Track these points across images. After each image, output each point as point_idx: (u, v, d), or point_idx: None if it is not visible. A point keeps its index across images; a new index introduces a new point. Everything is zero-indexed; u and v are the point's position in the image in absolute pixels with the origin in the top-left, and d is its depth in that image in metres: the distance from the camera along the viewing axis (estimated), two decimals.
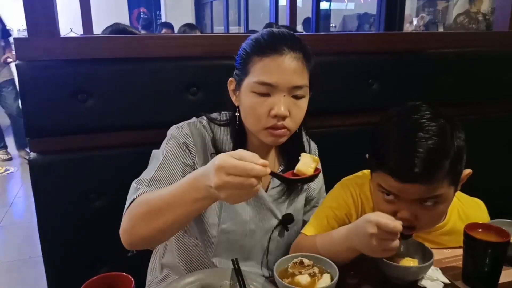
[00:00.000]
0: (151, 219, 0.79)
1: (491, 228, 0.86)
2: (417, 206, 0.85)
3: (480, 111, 1.51)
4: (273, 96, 0.88)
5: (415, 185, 0.82)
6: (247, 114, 0.93)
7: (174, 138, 0.96)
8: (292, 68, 0.88)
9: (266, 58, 0.88)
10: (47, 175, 1.08)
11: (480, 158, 1.40)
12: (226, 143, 0.99)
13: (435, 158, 0.81)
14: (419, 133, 0.82)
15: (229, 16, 7.80)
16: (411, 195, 0.84)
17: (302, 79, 0.90)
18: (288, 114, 0.88)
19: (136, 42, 1.14)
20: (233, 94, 0.97)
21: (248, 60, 0.91)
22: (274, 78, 0.87)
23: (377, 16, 2.86)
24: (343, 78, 1.31)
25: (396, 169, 0.83)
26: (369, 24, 6.77)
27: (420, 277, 0.86)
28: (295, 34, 0.94)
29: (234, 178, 0.66)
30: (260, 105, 0.89)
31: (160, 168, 0.90)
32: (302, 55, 0.90)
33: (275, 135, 0.91)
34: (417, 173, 0.80)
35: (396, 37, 1.46)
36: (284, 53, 0.88)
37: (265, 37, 0.91)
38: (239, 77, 0.94)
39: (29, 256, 2.55)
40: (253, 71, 0.90)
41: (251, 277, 0.86)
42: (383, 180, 0.86)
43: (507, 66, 1.51)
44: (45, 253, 1.11)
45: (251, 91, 0.90)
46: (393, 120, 0.89)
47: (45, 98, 1.05)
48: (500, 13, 1.60)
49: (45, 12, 1.03)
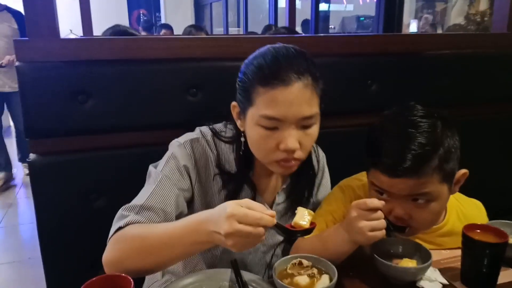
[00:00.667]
0: (143, 256, 0.77)
1: (489, 229, 0.87)
2: (409, 204, 0.87)
3: (479, 112, 1.51)
4: (281, 129, 0.83)
5: (403, 180, 0.83)
6: (254, 147, 0.88)
7: (174, 159, 0.91)
8: (301, 99, 0.81)
9: (272, 90, 0.80)
10: (47, 176, 1.08)
11: (479, 159, 1.41)
12: (231, 161, 0.95)
13: (423, 152, 0.83)
14: (410, 129, 0.84)
15: (229, 17, 7.81)
16: (401, 191, 0.85)
17: (312, 108, 0.83)
18: (298, 147, 0.83)
19: (135, 44, 1.14)
20: (238, 119, 0.92)
21: (251, 88, 0.84)
22: (282, 112, 0.81)
23: (376, 18, 2.87)
24: (342, 80, 1.31)
25: (385, 164, 0.85)
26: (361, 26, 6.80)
27: (419, 278, 0.86)
28: (299, 50, 0.86)
29: (245, 227, 0.67)
30: (267, 139, 0.84)
31: (153, 194, 0.87)
32: (310, 79, 0.82)
33: (285, 167, 0.87)
34: (405, 167, 0.82)
35: (395, 38, 1.46)
36: (292, 82, 0.80)
37: (269, 64, 0.82)
38: (242, 104, 0.88)
39: (28, 257, 2.55)
40: (258, 103, 0.83)
41: (250, 278, 0.86)
42: (375, 177, 0.89)
43: (506, 68, 1.52)
44: (45, 254, 1.11)
45: (257, 124, 0.84)
46: (388, 119, 0.91)
47: (45, 99, 1.05)
48: (498, 15, 1.61)
49: (45, 14, 1.03)
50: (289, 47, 0.86)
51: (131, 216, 0.83)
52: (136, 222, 0.83)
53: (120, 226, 0.81)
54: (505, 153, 1.55)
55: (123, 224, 0.81)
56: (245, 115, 0.88)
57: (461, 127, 1.14)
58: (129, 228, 0.81)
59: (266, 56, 0.84)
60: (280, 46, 0.87)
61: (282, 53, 0.84)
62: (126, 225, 0.82)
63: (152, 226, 0.81)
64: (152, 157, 1.00)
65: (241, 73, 0.89)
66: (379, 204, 0.79)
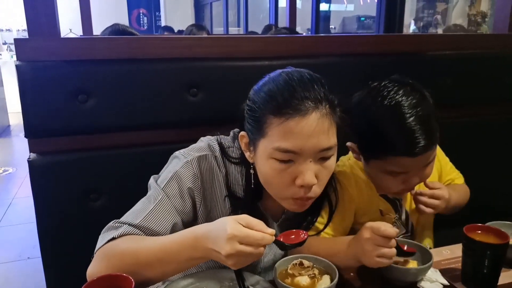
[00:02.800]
0: (136, 272, 0.72)
1: (490, 230, 0.86)
2: (422, 171, 0.94)
3: (480, 112, 1.51)
4: (297, 162, 0.76)
5: (424, 154, 0.88)
6: (267, 182, 0.82)
7: (178, 180, 0.85)
8: (319, 130, 0.74)
9: (287, 120, 0.73)
10: (47, 175, 1.08)
11: (480, 160, 1.41)
12: (240, 184, 0.89)
13: (429, 123, 0.88)
14: (406, 110, 0.87)
15: (229, 17, 7.81)
16: (421, 163, 0.91)
17: (330, 139, 0.77)
18: (316, 182, 0.77)
19: (136, 43, 1.14)
20: (247, 150, 0.85)
21: (263, 119, 0.77)
22: (299, 145, 0.74)
23: (377, 18, 2.87)
24: (343, 80, 1.30)
25: (406, 148, 0.87)
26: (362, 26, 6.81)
27: (420, 279, 0.86)
28: (314, 75, 0.79)
29: (246, 248, 0.66)
30: (282, 174, 0.77)
31: (150, 214, 0.81)
32: (328, 106, 0.76)
33: (299, 205, 0.82)
34: (423, 144, 0.86)
35: (396, 39, 1.46)
36: (308, 112, 0.73)
37: (282, 91, 0.75)
38: (253, 135, 0.81)
39: (28, 257, 2.55)
40: (272, 135, 0.76)
41: (251, 278, 0.86)
42: (394, 163, 0.90)
43: (507, 68, 1.52)
44: (45, 253, 1.10)
45: (271, 157, 0.77)
46: (376, 106, 0.91)
47: (45, 99, 1.05)
48: (499, 15, 1.61)
49: (45, 13, 1.03)
50: (303, 72, 0.79)
51: (124, 227, 0.79)
52: (130, 233, 0.79)
53: (114, 237, 0.78)
54: (507, 154, 1.54)
55: (117, 235, 0.77)
56: (255, 146, 0.81)
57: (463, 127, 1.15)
58: (120, 241, 0.77)
59: (278, 82, 0.77)
60: (293, 71, 0.80)
61: (295, 78, 0.77)
62: (120, 236, 0.78)
63: (145, 240, 0.78)
64: (153, 157, 1.00)
65: (249, 100, 0.82)
66: (393, 233, 0.78)
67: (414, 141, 0.85)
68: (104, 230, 0.83)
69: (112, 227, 0.82)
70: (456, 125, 1.12)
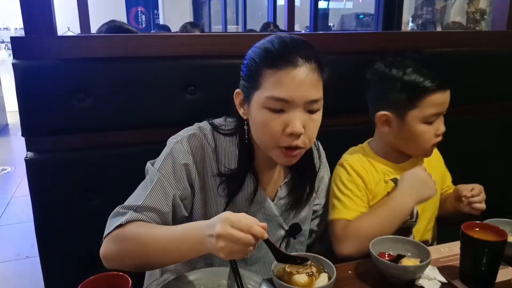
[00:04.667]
0: (143, 257, 0.81)
1: (488, 228, 0.87)
2: (442, 119, 1.07)
3: (478, 110, 1.51)
4: (288, 112, 0.83)
5: (448, 91, 1.02)
6: (259, 131, 0.88)
7: (171, 157, 0.91)
8: (308, 81, 0.82)
9: (280, 71, 0.81)
10: (44, 174, 1.07)
11: (478, 158, 1.41)
12: (231, 155, 0.95)
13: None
14: (425, 56, 1.10)
15: (227, 15, 7.80)
16: (447, 101, 1.03)
17: (318, 92, 0.85)
18: (303, 130, 0.84)
19: (133, 41, 1.14)
20: (241, 107, 0.91)
21: (258, 72, 0.84)
22: (290, 93, 0.81)
23: (375, 16, 2.86)
24: (341, 78, 1.30)
25: (439, 83, 1.00)
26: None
27: (418, 276, 0.86)
28: (306, 40, 0.88)
29: (235, 231, 0.70)
30: (274, 122, 0.84)
31: (150, 194, 0.87)
32: (317, 65, 0.84)
33: (289, 156, 0.87)
34: (447, 76, 1.02)
35: (394, 36, 1.46)
36: (299, 64, 0.82)
37: (276, 47, 0.84)
38: (247, 90, 0.88)
39: (26, 256, 2.54)
40: (265, 85, 0.83)
41: (249, 276, 0.86)
42: (431, 105, 1.01)
43: (505, 66, 1.52)
44: (42, 253, 1.10)
45: (264, 107, 0.84)
46: (397, 65, 1.04)
47: (42, 97, 1.04)
48: (498, 13, 1.61)
49: (42, 11, 1.03)
50: (296, 36, 0.89)
51: (130, 213, 0.84)
52: (137, 219, 0.84)
53: (121, 223, 0.83)
54: (505, 151, 1.54)
55: (124, 221, 0.83)
56: (249, 100, 0.87)
57: (460, 124, 1.15)
58: (130, 227, 0.83)
59: (273, 40, 0.86)
60: (287, 35, 0.89)
61: (290, 38, 0.86)
62: (127, 222, 0.83)
63: (153, 228, 0.83)
64: (151, 155, 0.99)
65: (246, 59, 0.89)
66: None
67: (440, 75, 1.01)
68: (111, 216, 0.87)
69: (118, 213, 0.87)
70: (453, 122, 1.11)
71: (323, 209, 1.10)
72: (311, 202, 1.05)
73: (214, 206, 0.96)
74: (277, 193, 1.01)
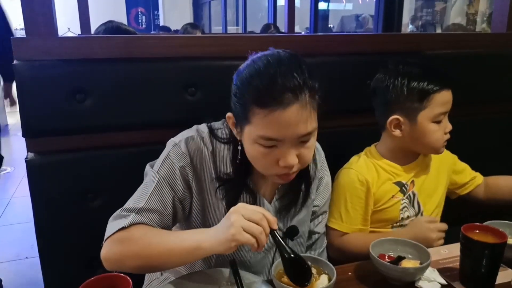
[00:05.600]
0: (146, 260, 0.82)
1: (488, 229, 0.87)
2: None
3: (478, 112, 1.51)
4: (280, 147, 0.83)
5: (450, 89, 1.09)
6: (253, 162, 0.89)
7: (170, 160, 0.91)
8: (299, 120, 0.80)
9: (269, 113, 0.78)
10: (44, 175, 1.07)
11: (478, 159, 1.41)
12: (228, 160, 0.95)
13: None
14: (420, 64, 1.13)
15: (227, 16, 7.81)
16: (451, 99, 1.09)
17: (310, 125, 0.82)
18: (297, 161, 0.84)
19: (134, 42, 1.14)
20: (234, 128, 0.90)
21: (247, 107, 0.81)
22: (280, 133, 0.80)
23: (375, 17, 2.87)
24: (341, 79, 1.31)
25: (441, 80, 1.08)
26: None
27: (418, 278, 0.86)
28: (294, 59, 0.82)
29: (250, 224, 0.75)
30: (266, 156, 0.84)
31: (151, 196, 0.88)
32: (307, 96, 0.80)
33: (284, 179, 0.89)
34: (446, 74, 1.10)
35: (395, 38, 1.46)
36: (290, 104, 0.78)
37: (264, 83, 0.79)
38: (238, 119, 0.86)
39: (25, 257, 2.54)
40: (255, 123, 0.81)
41: (249, 278, 0.86)
42: (438, 104, 1.07)
43: (505, 67, 1.52)
44: (42, 253, 1.10)
45: (255, 142, 0.84)
46: (399, 71, 1.11)
47: (43, 98, 1.04)
48: (498, 15, 1.61)
49: (43, 12, 1.03)
50: (283, 57, 0.83)
51: (133, 216, 0.85)
52: (140, 222, 0.85)
53: (124, 226, 0.83)
54: (503, 152, 1.54)
55: (127, 224, 0.83)
56: (242, 129, 0.87)
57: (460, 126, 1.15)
58: (134, 230, 0.83)
59: (261, 72, 0.81)
60: (274, 58, 0.82)
61: (278, 71, 0.79)
62: (130, 225, 0.84)
63: (159, 231, 0.85)
64: (150, 156, 0.99)
65: (235, 85, 0.86)
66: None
67: (441, 76, 1.09)
68: (112, 219, 0.87)
69: (119, 215, 0.86)
70: (453, 124, 1.12)
71: (322, 210, 1.10)
72: (309, 204, 1.05)
73: (213, 210, 0.96)
74: (274, 195, 1.00)
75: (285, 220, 1.02)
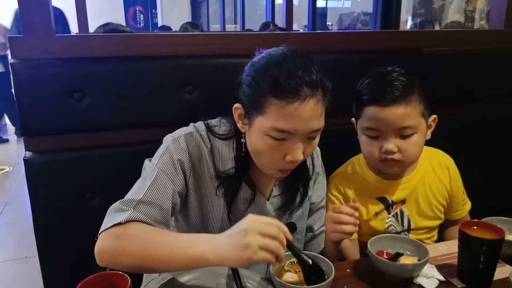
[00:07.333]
0: (143, 260, 0.77)
1: (486, 226, 0.87)
2: (397, 138, 1.00)
3: (477, 109, 1.51)
4: (289, 140, 0.83)
5: (393, 108, 0.97)
6: (258, 155, 0.88)
7: (169, 153, 0.91)
8: (314, 114, 0.82)
9: (287, 104, 0.79)
10: (43, 174, 1.07)
11: (476, 156, 1.41)
12: (227, 158, 0.95)
13: (408, 84, 0.99)
14: (390, 74, 1.02)
15: (226, 14, 7.79)
16: (391, 122, 0.98)
17: (321, 122, 0.85)
18: (303, 158, 0.86)
19: (131, 41, 1.13)
20: (239, 120, 0.90)
21: (263, 98, 0.81)
22: (295, 126, 0.81)
23: (374, 15, 2.87)
24: (340, 77, 1.29)
25: (377, 94, 0.99)
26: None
27: (416, 275, 0.87)
28: (310, 58, 0.84)
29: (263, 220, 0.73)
30: (274, 150, 0.84)
31: (150, 189, 0.86)
32: (322, 93, 0.82)
33: (284, 173, 0.90)
34: (394, 94, 0.97)
35: (393, 35, 1.46)
36: (307, 97, 0.80)
37: (285, 76, 0.80)
38: (249, 110, 0.86)
39: (25, 256, 2.54)
40: (270, 114, 0.81)
41: (248, 275, 0.86)
42: (367, 117, 1.01)
43: (503, 64, 1.52)
44: (41, 252, 1.10)
45: (266, 134, 0.83)
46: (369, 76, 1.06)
47: (40, 97, 1.04)
48: (495, 11, 1.61)
49: (39, 11, 1.02)
50: (299, 53, 0.85)
51: (130, 212, 0.82)
52: (137, 219, 0.82)
53: (120, 222, 0.80)
54: (503, 150, 1.55)
55: (123, 220, 0.80)
56: (250, 121, 0.86)
57: (458, 123, 1.15)
58: (132, 228, 0.80)
59: (281, 65, 0.82)
60: (291, 52, 0.84)
61: (296, 64, 0.81)
62: (126, 221, 0.80)
63: (156, 231, 0.81)
64: (149, 155, 0.99)
65: (249, 76, 0.86)
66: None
67: (386, 88, 0.99)
68: (110, 211, 0.84)
69: (118, 208, 0.83)
70: (452, 121, 1.12)
71: (319, 206, 1.10)
72: (306, 200, 1.06)
73: (212, 207, 0.96)
74: (272, 192, 1.01)
75: (282, 216, 1.02)
